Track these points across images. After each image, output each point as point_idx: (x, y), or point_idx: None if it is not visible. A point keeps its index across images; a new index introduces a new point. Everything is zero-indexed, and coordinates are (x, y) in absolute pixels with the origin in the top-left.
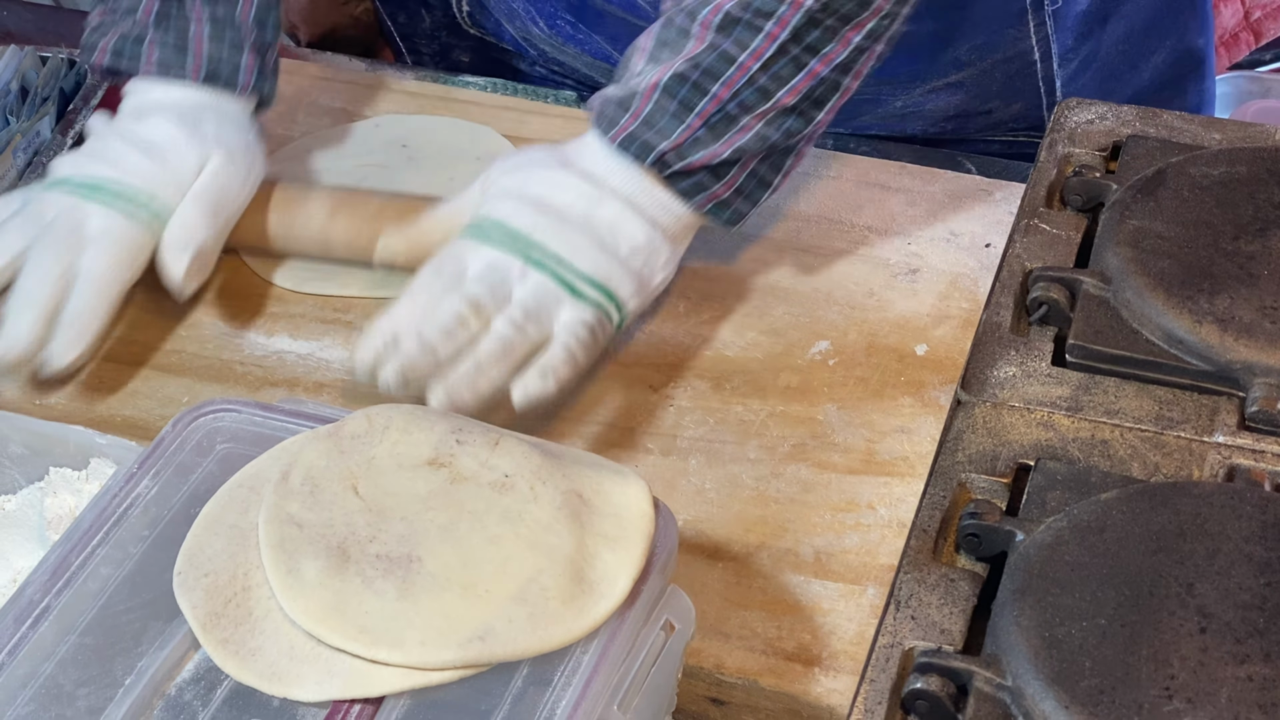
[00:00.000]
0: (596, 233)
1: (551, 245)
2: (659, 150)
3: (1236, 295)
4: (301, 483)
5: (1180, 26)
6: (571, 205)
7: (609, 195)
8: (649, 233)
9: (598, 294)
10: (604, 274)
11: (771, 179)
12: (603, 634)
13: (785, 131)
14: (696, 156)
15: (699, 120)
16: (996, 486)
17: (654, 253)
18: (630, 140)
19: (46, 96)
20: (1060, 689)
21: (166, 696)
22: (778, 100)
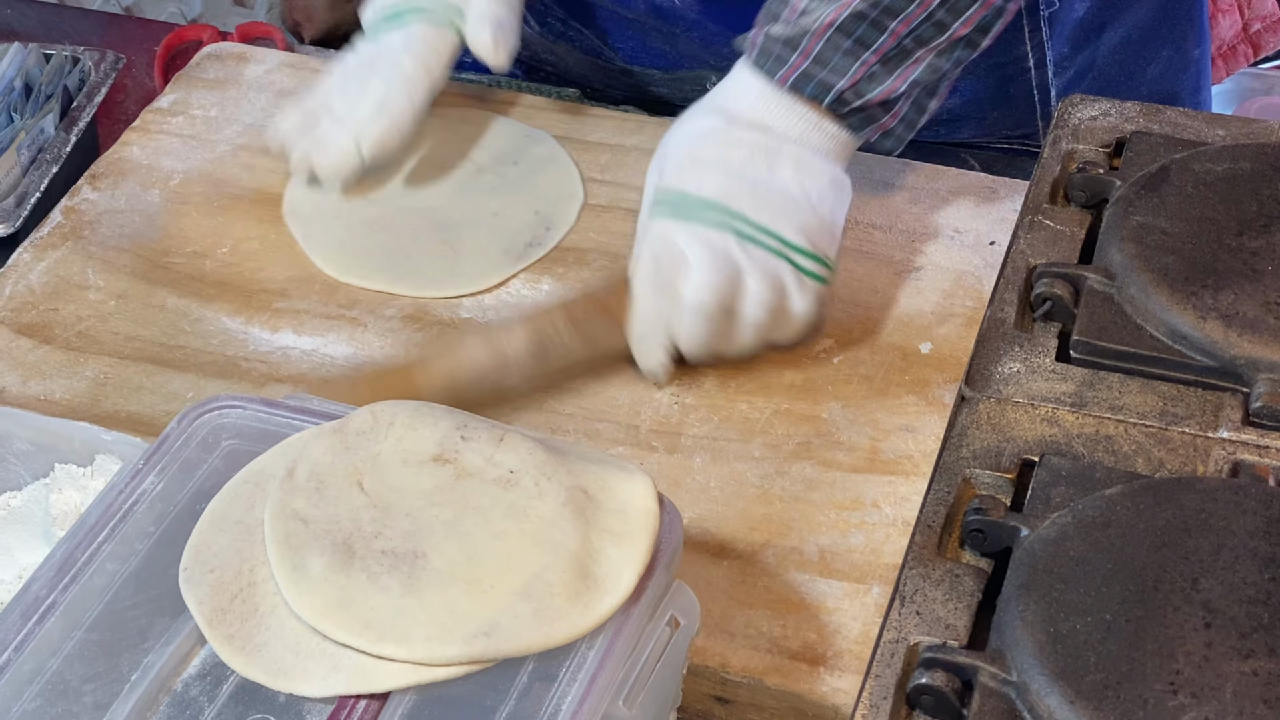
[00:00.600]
0: (787, 190)
1: (752, 213)
2: (837, 89)
3: (1240, 291)
4: (307, 479)
5: (1178, 37)
6: (754, 163)
7: (786, 146)
8: (829, 174)
9: (814, 263)
10: (811, 239)
11: (927, 104)
12: (608, 630)
13: (955, 60)
14: (873, 93)
15: (875, 56)
16: (1001, 482)
17: (838, 190)
18: (804, 80)
19: (50, 94)
20: (1065, 684)
21: (173, 692)
22: (953, 32)
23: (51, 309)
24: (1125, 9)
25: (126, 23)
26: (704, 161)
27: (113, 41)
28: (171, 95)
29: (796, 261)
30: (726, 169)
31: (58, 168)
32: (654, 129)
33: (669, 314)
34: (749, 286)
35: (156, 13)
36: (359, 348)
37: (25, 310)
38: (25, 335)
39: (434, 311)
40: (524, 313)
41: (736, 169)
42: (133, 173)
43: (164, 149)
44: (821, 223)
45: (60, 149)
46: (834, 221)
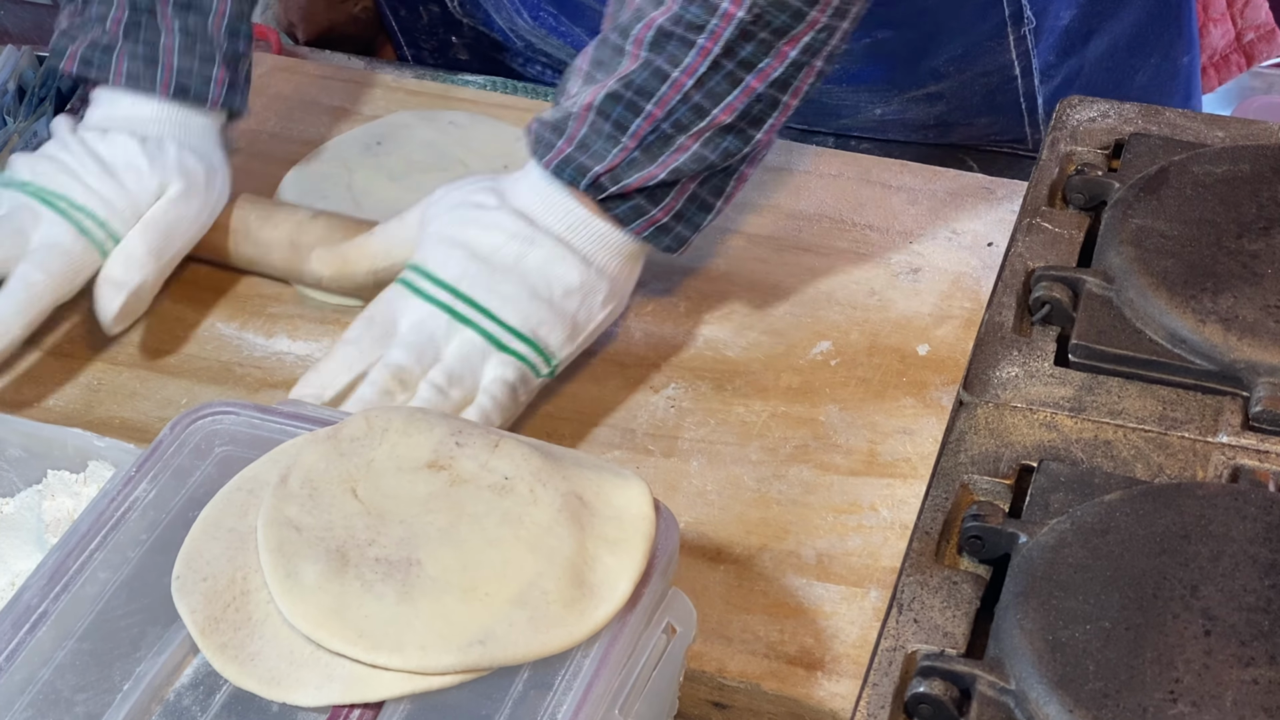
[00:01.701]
0: (528, 279)
1: (481, 297)
2: (593, 173)
3: (1240, 294)
4: (300, 486)
5: (1165, 45)
6: (503, 249)
7: (542, 235)
8: (584, 272)
9: (525, 347)
10: (532, 324)
11: (713, 202)
12: (604, 637)
13: (723, 151)
14: (632, 179)
15: (634, 141)
16: (999, 488)
17: (590, 292)
18: (565, 165)
19: (44, 96)
20: (1064, 692)
21: (165, 702)
22: (714, 118)
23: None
24: (1111, 17)
25: None
26: (456, 242)
27: None
28: None
29: (503, 341)
30: (474, 254)
31: None
32: None
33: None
34: (441, 358)
35: None
36: None
37: None
38: None
39: None
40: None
41: (485, 254)
42: None
43: None
44: (555, 315)
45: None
46: (573, 319)
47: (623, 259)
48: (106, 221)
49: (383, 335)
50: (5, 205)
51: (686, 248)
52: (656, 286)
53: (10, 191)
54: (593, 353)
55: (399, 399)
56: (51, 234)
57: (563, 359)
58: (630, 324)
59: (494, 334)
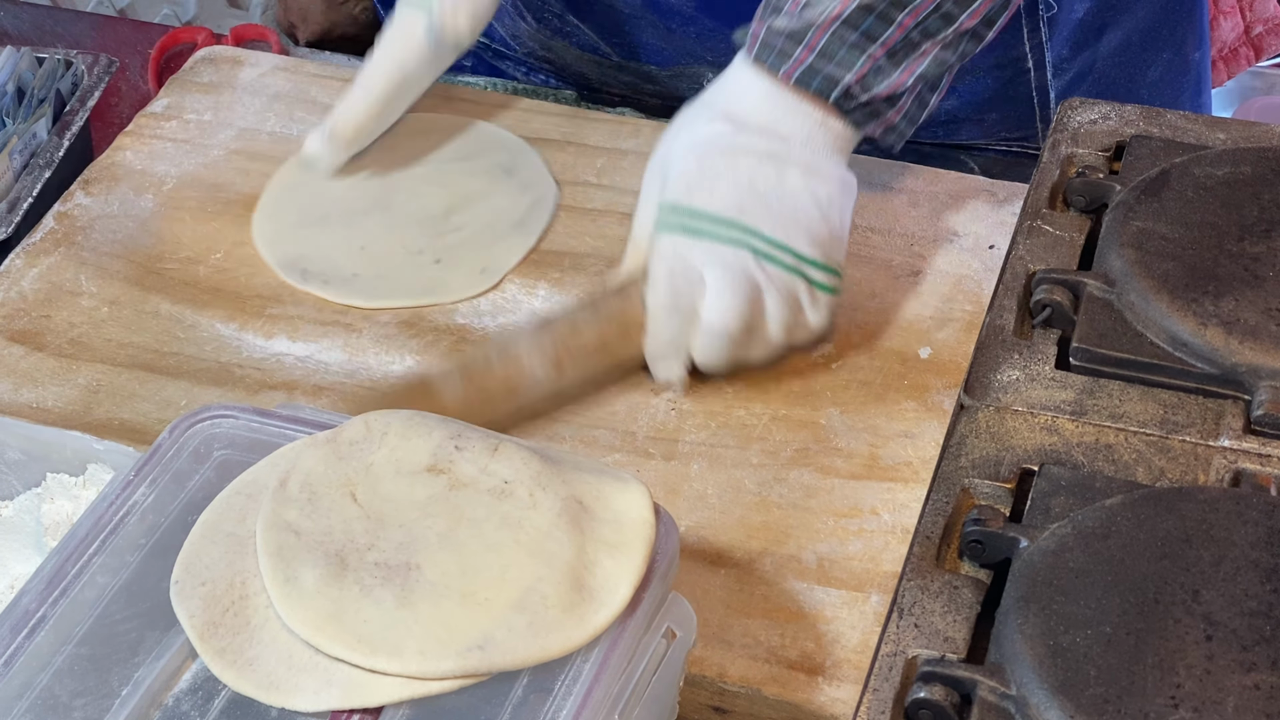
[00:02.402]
0: (798, 202)
1: (768, 229)
2: (843, 84)
3: (1242, 297)
4: (299, 490)
5: (1178, 39)
6: (764, 176)
7: (794, 152)
8: (836, 176)
9: (826, 274)
10: (824, 251)
11: (929, 99)
12: (603, 642)
13: (960, 54)
14: (879, 88)
15: (881, 50)
16: (1000, 492)
17: (845, 191)
18: (809, 75)
19: (43, 98)
20: (1065, 698)
21: (164, 707)
22: (959, 24)
23: (44, 315)
24: (1125, 11)
25: (120, 25)
26: (712, 173)
27: (106, 44)
28: (165, 99)
29: (811, 276)
30: (736, 181)
31: (50, 172)
32: (650, 132)
33: (688, 333)
34: (767, 306)
35: (150, 15)
36: (353, 354)
37: (17, 317)
38: (17, 342)
39: (429, 317)
40: (537, 323)
41: (746, 180)
42: (126, 178)
43: (157, 154)
44: (832, 231)
45: (53, 153)
46: (843, 227)
47: (850, 149)
48: None
49: (690, 290)
50: None
51: (903, 142)
52: None
53: None
54: None
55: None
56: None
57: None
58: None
59: (803, 271)
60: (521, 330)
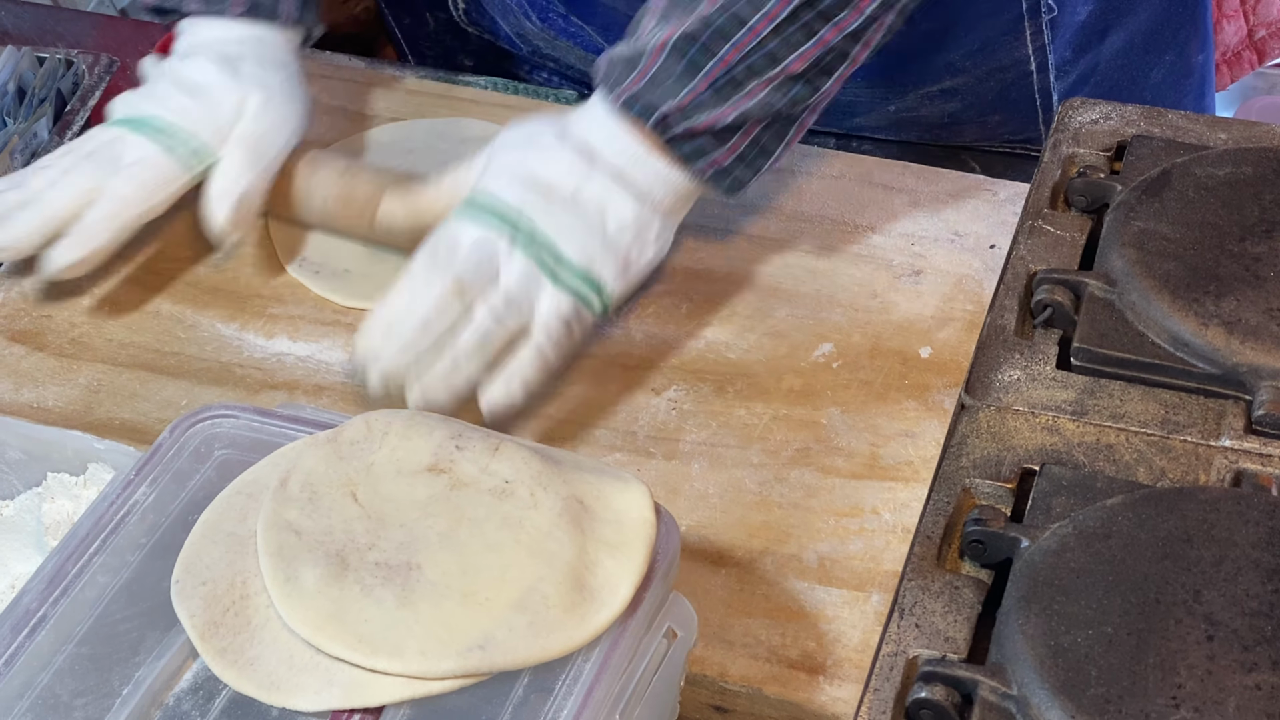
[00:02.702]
0: (584, 211)
1: (539, 225)
2: (662, 111)
3: (1243, 297)
4: (300, 489)
5: (1181, 42)
6: (562, 180)
7: (601, 169)
8: (637, 208)
9: (579, 282)
10: (587, 258)
11: (774, 148)
12: (604, 642)
13: (791, 99)
14: (700, 119)
15: (705, 82)
16: (1001, 492)
17: (643, 228)
18: (634, 100)
19: (44, 98)
20: (1066, 698)
21: (164, 707)
22: (786, 66)
23: (44, 315)
24: (1128, 13)
25: (121, 25)
26: (517, 171)
27: (107, 44)
28: None
29: (559, 275)
30: (534, 184)
31: None
32: None
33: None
34: (499, 281)
35: None
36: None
37: (18, 317)
38: (18, 342)
39: None
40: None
41: (545, 185)
42: None
43: None
44: (609, 250)
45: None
46: (627, 255)
47: (677, 197)
48: (193, 137)
49: (446, 258)
50: (97, 140)
51: (743, 191)
52: (658, 288)
53: (102, 129)
54: (594, 354)
55: (453, 314)
56: (140, 153)
57: (613, 295)
58: (631, 326)
59: (550, 265)
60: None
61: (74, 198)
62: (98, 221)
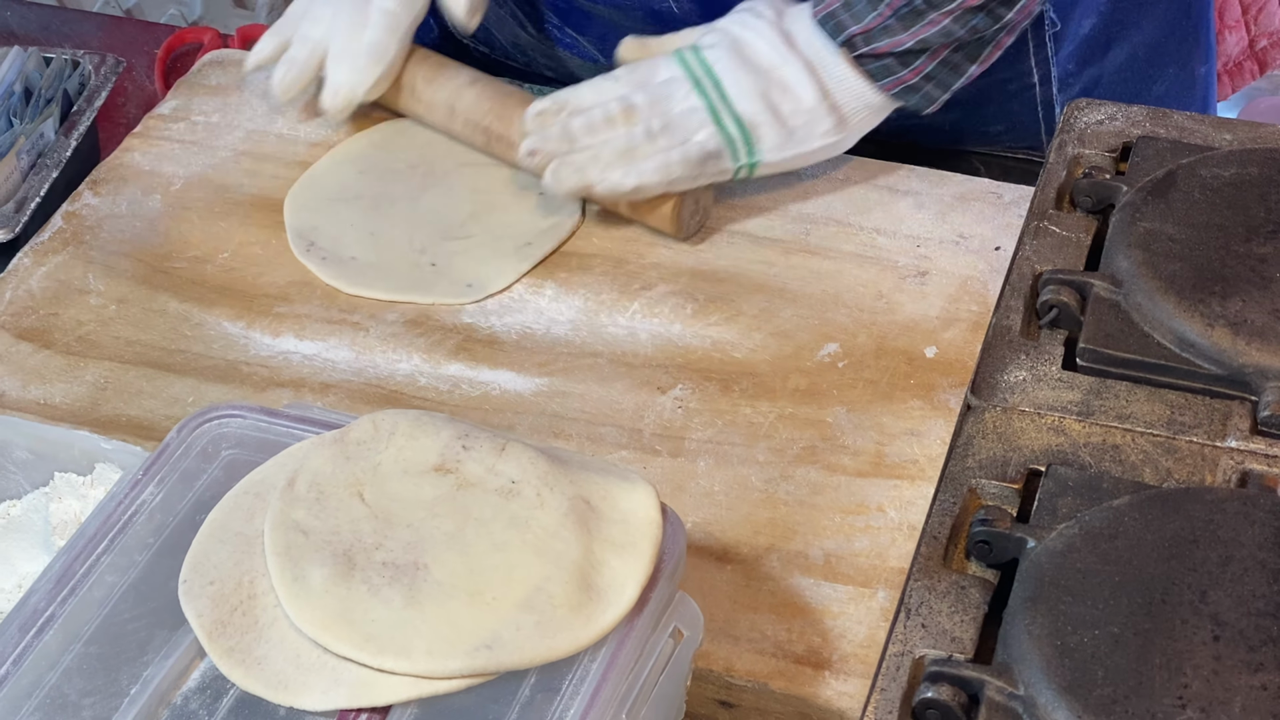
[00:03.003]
0: (770, 82)
1: (724, 80)
2: (849, 31)
3: (1249, 298)
4: (307, 489)
5: (1184, 55)
6: (763, 55)
7: (798, 57)
8: (818, 100)
9: (736, 130)
10: (753, 118)
11: (966, 67)
12: (611, 642)
13: (971, 28)
14: (882, 43)
15: (889, 9)
16: (1007, 492)
17: (816, 119)
18: (828, 18)
19: (50, 98)
20: (1073, 698)
21: (172, 706)
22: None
23: (52, 314)
24: (1131, 26)
25: (127, 25)
26: (727, 35)
27: (113, 44)
28: (173, 101)
29: (721, 115)
30: (736, 48)
31: (58, 172)
32: None
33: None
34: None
35: (157, 15)
36: (360, 352)
37: (25, 315)
38: (25, 340)
39: (436, 316)
40: None
41: (747, 52)
42: (134, 178)
43: (165, 154)
44: (777, 120)
45: (60, 153)
46: (793, 132)
47: (863, 106)
48: None
49: (643, 78)
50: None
51: (936, 106)
52: (664, 288)
53: None
54: (599, 353)
55: (620, 130)
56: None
57: (765, 163)
58: (637, 325)
59: (717, 108)
60: None
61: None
62: (384, 37)
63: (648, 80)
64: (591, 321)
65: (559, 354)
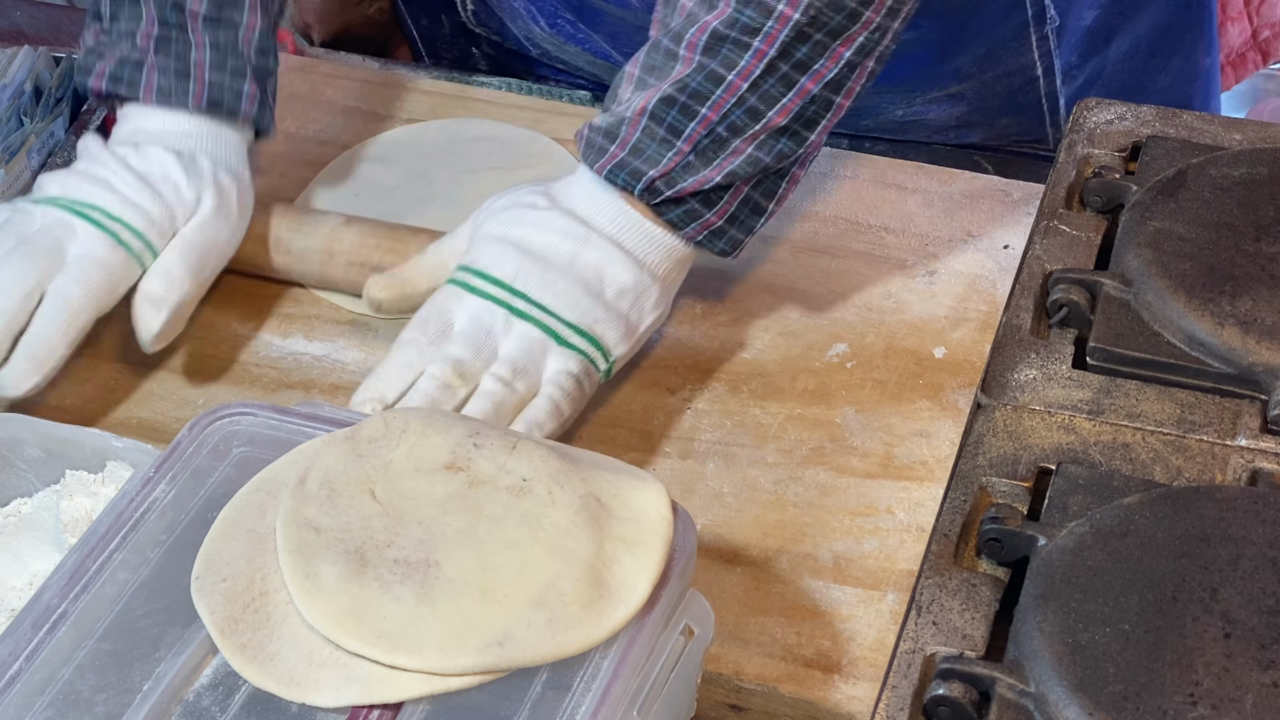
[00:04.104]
0: (582, 276)
1: (536, 293)
2: (648, 178)
3: (1258, 297)
4: (319, 487)
5: (1187, 46)
6: (557, 248)
7: (595, 236)
8: (637, 274)
9: (584, 341)
10: (589, 320)
11: (766, 205)
12: (622, 639)
13: (777, 154)
14: (687, 183)
15: (688, 145)
16: (1018, 490)
17: (642, 294)
18: (618, 169)
19: (60, 98)
20: (1084, 695)
21: (184, 702)
22: (768, 121)
23: None
24: (1134, 18)
25: None
26: (509, 241)
27: None
28: None
29: (562, 335)
30: (528, 252)
31: None
32: None
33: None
34: (500, 353)
35: None
36: (369, 353)
37: None
38: None
39: None
40: None
41: (538, 252)
42: None
43: None
44: (609, 312)
45: (71, 153)
46: (626, 318)
47: (673, 262)
48: (144, 233)
49: (439, 334)
50: (39, 221)
51: (739, 251)
52: None
53: (42, 207)
54: None
55: (459, 394)
56: (88, 246)
57: (618, 359)
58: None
59: (553, 328)
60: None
61: (20, 300)
62: (51, 335)
63: (446, 329)
64: None
65: None
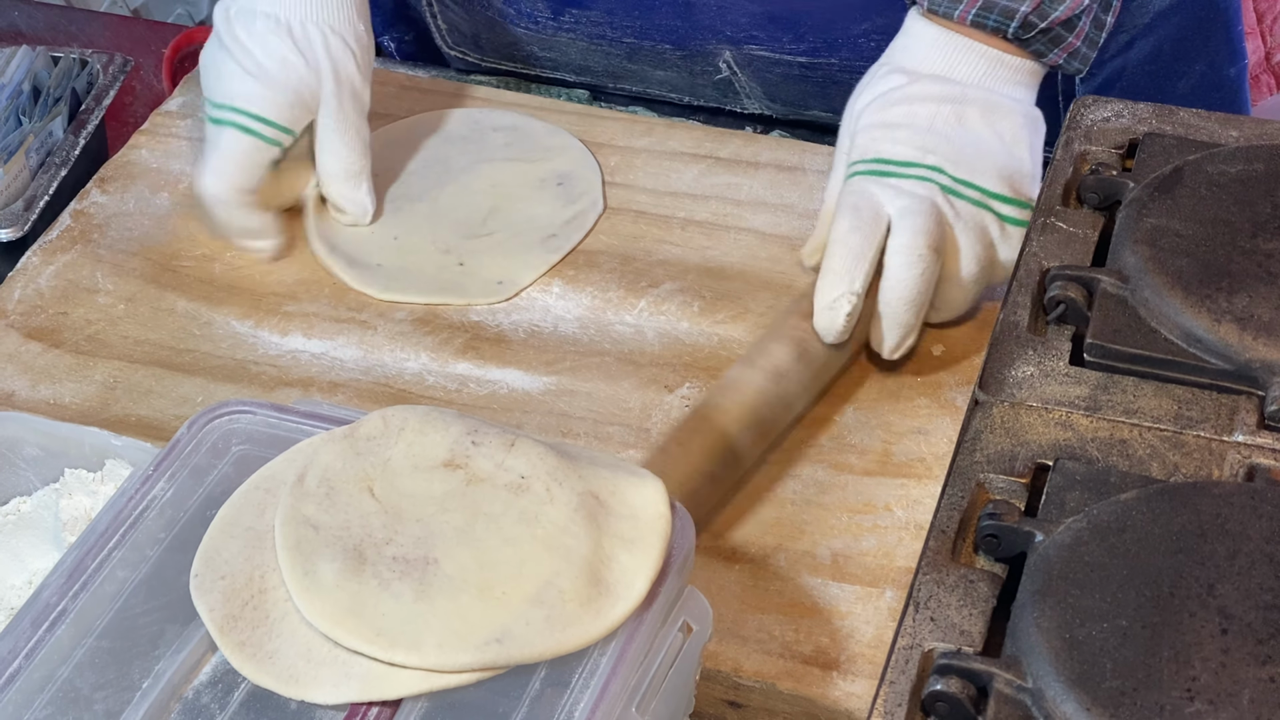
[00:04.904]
0: (982, 139)
1: (953, 169)
2: (1021, 15)
3: (1255, 293)
4: (317, 484)
5: (1210, 53)
6: (940, 115)
7: (971, 90)
8: (1017, 113)
9: (1014, 208)
10: (1008, 182)
11: (1104, 19)
12: (620, 636)
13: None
14: (1057, 12)
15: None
16: (1015, 487)
17: (1033, 130)
18: (985, 12)
19: (59, 97)
20: (1081, 690)
21: (184, 699)
22: None
23: (61, 313)
24: (1156, 21)
25: (134, 25)
26: (892, 124)
27: (121, 44)
28: (180, 98)
29: (999, 211)
30: (915, 126)
31: (66, 171)
32: (663, 131)
33: (864, 270)
34: (960, 242)
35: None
36: (368, 351)
37: (34, 314)
38: (34, 339)
39: (443, 315)
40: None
41: (926, 125)
42: (141, 176)
43: (173, 152)
44: (1019, 166)
45: (69, 152)
46: (1032, 161)
47: (1037, 85)
48: (276, 121)
49: (873, 219)
50: None
51: (1087, 66)
52: (671, 286)
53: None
54: (606, 351)
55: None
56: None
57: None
58: (644, 323)
59: (993, 207)
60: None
61: None
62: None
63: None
64: (599, 319)
65: (566, 352)
